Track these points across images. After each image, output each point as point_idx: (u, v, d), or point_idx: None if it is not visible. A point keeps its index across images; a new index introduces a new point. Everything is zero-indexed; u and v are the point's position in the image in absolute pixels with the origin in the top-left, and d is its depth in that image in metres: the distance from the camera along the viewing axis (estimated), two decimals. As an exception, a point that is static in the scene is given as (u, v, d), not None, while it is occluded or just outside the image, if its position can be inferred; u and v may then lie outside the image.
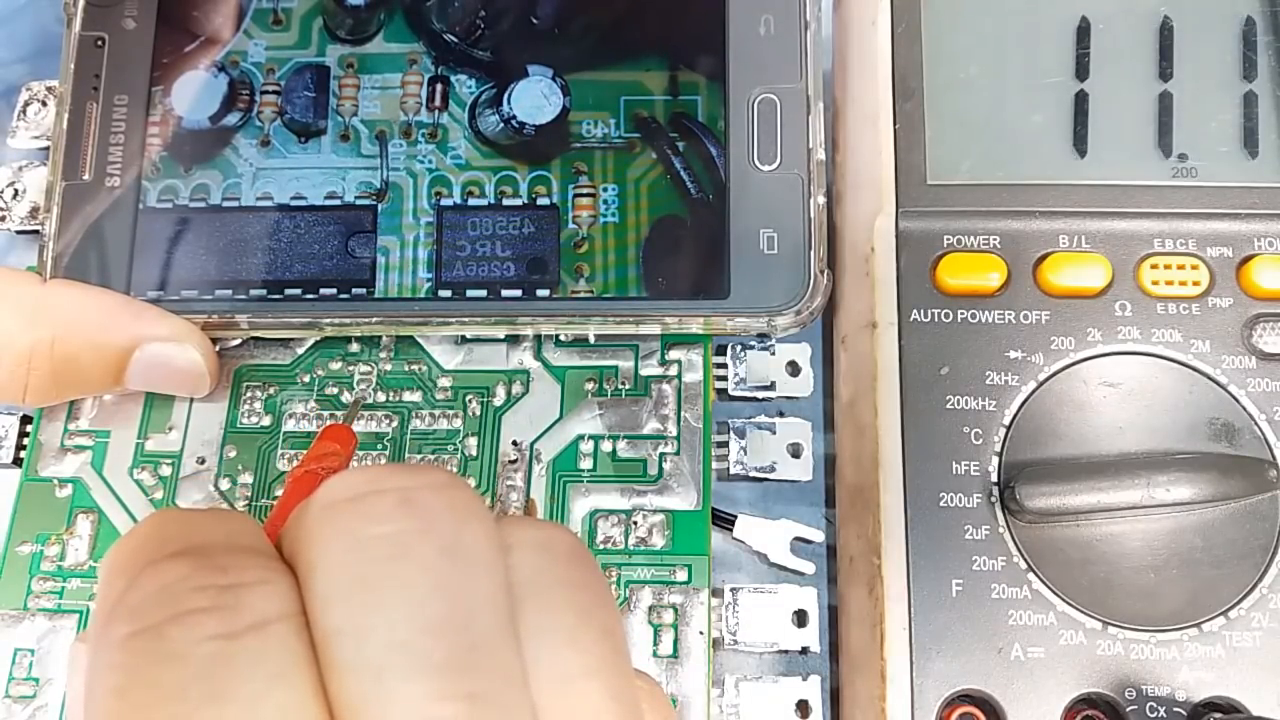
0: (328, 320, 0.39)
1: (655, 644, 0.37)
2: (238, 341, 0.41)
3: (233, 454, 0.40)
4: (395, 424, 0.40)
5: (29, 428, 0.40)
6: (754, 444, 0.39)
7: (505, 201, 0.40)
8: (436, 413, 0.40)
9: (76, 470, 0.40)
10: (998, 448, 0.35)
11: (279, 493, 0.39)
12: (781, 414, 0.40)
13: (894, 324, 0.37)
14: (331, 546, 0.22)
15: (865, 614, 0.35)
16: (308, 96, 0.41)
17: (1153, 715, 0.33)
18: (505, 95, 0.40)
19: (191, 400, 0.40)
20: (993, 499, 0.35)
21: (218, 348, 0.40)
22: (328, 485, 0.23)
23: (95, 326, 0.37)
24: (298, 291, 0.39)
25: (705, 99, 0.40)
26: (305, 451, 0.39)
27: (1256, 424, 0.35)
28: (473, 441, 0.39)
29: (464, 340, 0.41)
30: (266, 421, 0.40)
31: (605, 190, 0.40)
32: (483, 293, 0.39)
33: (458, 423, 0.40)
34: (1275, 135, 0.37)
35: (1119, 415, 0.36)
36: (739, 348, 0.40)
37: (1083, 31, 0.38)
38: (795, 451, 0.39)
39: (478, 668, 0.21)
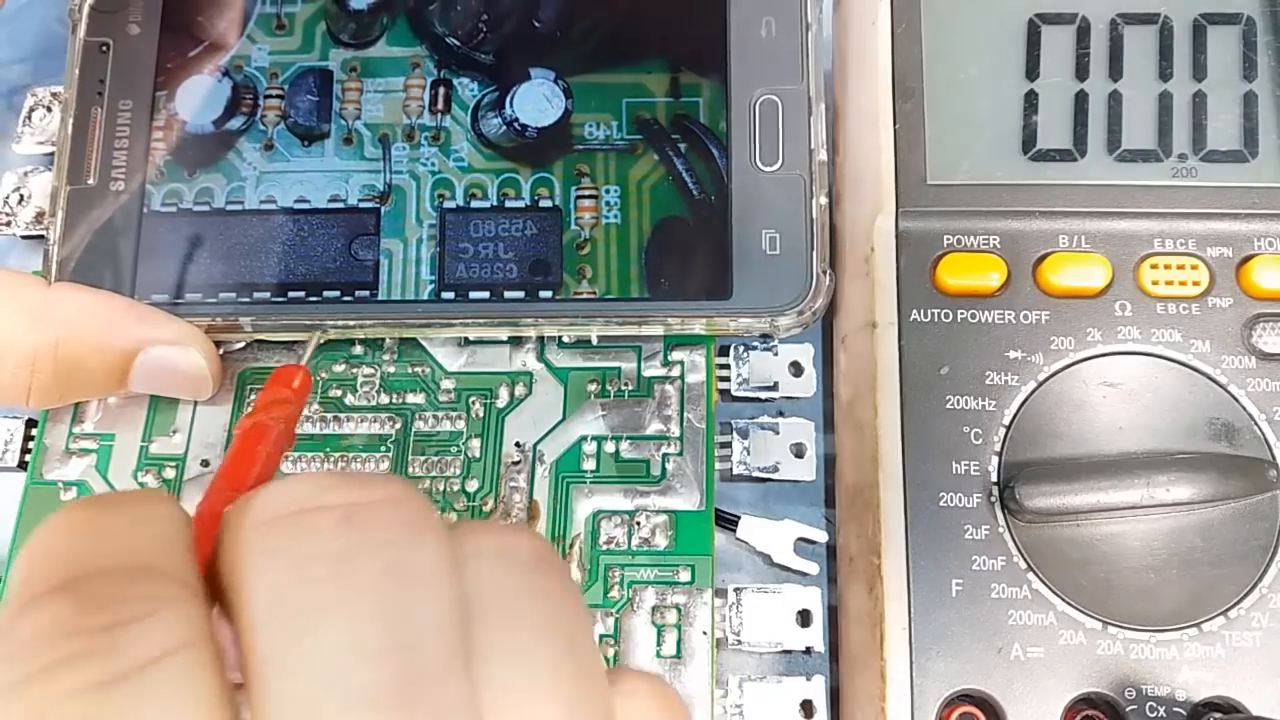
0: (331, 323, 0.39)
1: (659, 644, 0.37)
2: (241, 345, 0.41)
3: (237, 456, 0.40)
4: (398, 426, 0.40)
5: (34, 431, 0.41)
6: (757, 444, 0.39)
7: (508, 203, 0.40)
8: (439, 415, 0.40)
9: (81, 473, 0.40)
10: (998, 448, 0.35)
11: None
12: (781, 414, 0.40)
13: (894, 324, 0.37)
14: (262, 566, 0.20)
15: (865, 614, 0.35)
16: (311, 100, 0.41)
17: (1153, 715, 0.33)
18: (508, 98, 0.41)
19: (195, 403, 0.40)
20: (993, 499, 0.35)
21: (221, 351, 0.40)
22: (264, 497, 0.22)
23: (99, 329, 0.38)
24: (301, 294, 0.39)
25: (707, 101, 0.40)
26: (309, 453, 0.39)
27: (1256, 424, 0.35)
28: (476, 443, 0.39)
29: (467, 342, 0.41)
30: (270, 424, 0.40)
31: (607, 192, 0.40)
32: (485, 294, 0.39)
33: (461, 424, 0.40)
34: (1275, 135, 0.37)
35: (1119, 415, 0.36)
36: (741, 348, 0.40)
37: (1083, 31, 0.38)
38: (799, 452, 0.39)
39: (421, 699, 0.19)
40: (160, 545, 0.22)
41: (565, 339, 0.41)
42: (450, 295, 0.39)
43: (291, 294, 0.39)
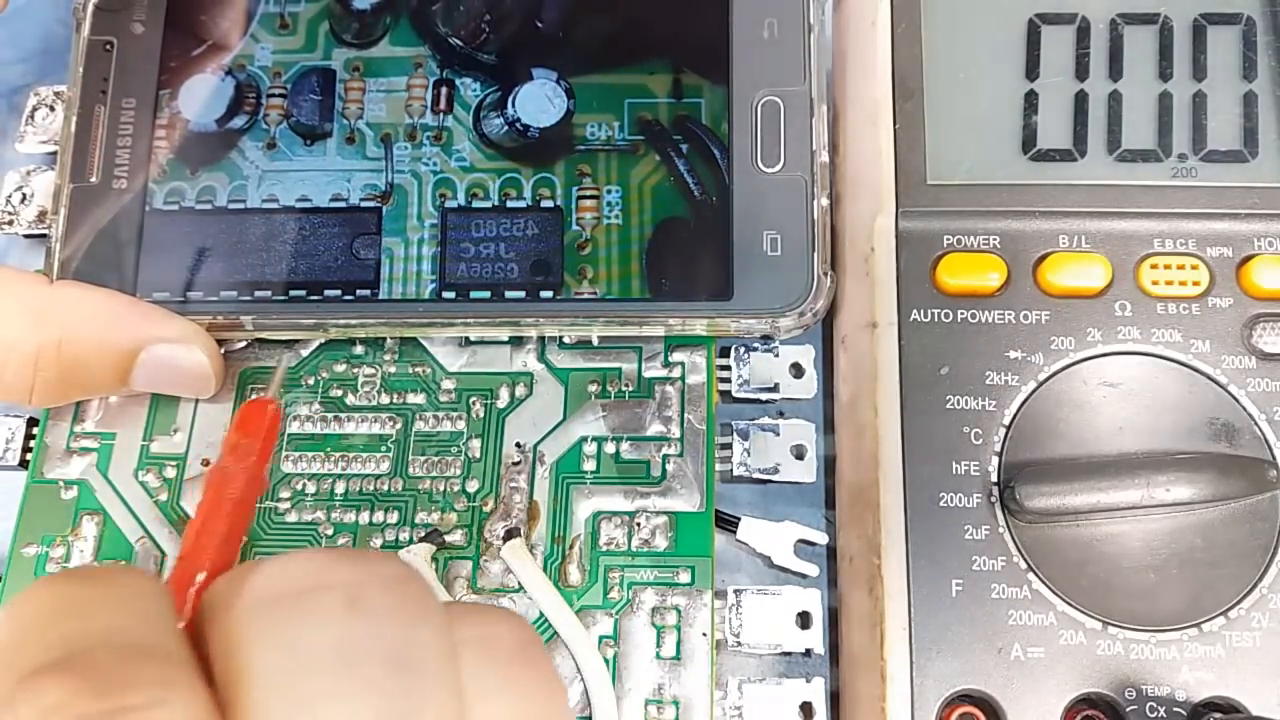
0: (332, 322, 0.39)
1: (658, 646, 0.37)
2: (243, 344, 0.41)
3: (237, 455, 0.40)
4: (399, 426, 0.40)
5: (35, 430, 0.41)
6: (757, 446, 0.39)
7: (509, 203, 0.40)
8: (440, 415, 0.40)
9: (82, 472, 0.40)
10: (998, 448, 0.35)
11: (284, 494, 0.39)
12: (782, 415, 0.40)
13: (894, 324, 0.37)
14: (266, 651, 0.20)
15: (865, 614, 0.35)
16: (313, 100, 0.41)
17: (1153, 715, 0.33)
18: (510, 98, 0.41)
19: (197, 402, 0.40)
20: (993, 499, 0.35)
21: (223, 349, 0.40)
22: (263, 575, 0.21)
23: (101, 327, 0.38)
24: (303, 293, 0.39)
25: (709, 102, 0.40)
26: (309, 453, 0.39)
27: (1256, 424, 0.35)
28: (476, 444, 0.39)
29: (468, 342, 0.41)
30: (271, 423, 0.40)
31: (609, 192, 0.40)
32: (486, 294, 0.39)
33: (461, 425, 0.40)
34: (1275, 135, 0.37)
35: (1119, 415, 0.36)
36: (742, 349, 0.40)
37: (1083, 31, 0.38)
38: (799, 453, 0.39)
39: None
40: (151, 623, 0.21)
41: (566, 339, 0.41)
42: (451, 295, 0.39)
43: (293, 293, 0.39)
